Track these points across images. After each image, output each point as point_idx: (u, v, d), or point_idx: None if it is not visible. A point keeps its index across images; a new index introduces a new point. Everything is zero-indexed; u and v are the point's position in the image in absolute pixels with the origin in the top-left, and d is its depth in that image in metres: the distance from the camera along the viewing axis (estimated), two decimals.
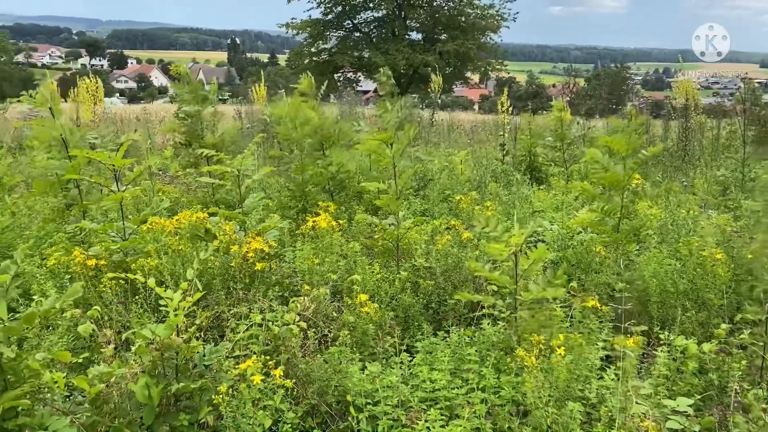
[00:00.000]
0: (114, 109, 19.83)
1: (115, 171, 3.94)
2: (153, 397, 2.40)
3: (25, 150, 9.67)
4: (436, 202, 6.18)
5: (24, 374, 2.22)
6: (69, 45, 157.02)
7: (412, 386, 2.67)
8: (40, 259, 3.80)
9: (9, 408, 2.12)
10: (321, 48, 35.28)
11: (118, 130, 13.44)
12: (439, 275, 3.80)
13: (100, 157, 3.84)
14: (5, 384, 2.19)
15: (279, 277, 3.66)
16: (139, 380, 2.40)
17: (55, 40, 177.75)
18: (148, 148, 10.55)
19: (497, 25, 34.58)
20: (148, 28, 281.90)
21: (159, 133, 13.81)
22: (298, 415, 2.51)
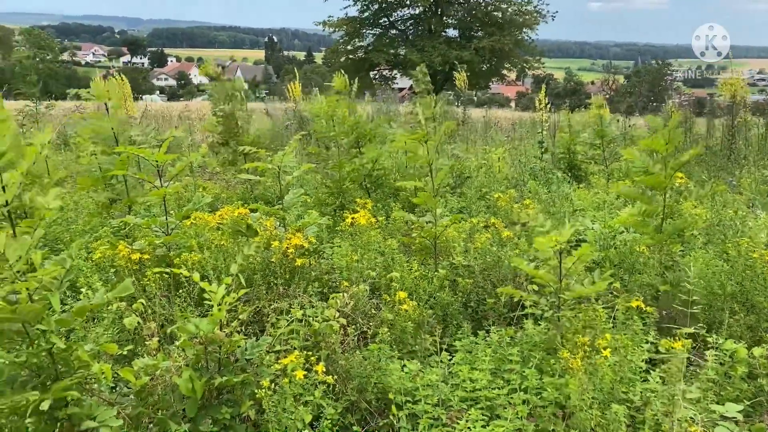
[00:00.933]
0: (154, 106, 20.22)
1: (158, 167, 4.01)
2: (197, 390, 2.43)
3: (69, 146, 9.92)
4: (473, 200, 6.13)
5: (74, 365, 2.26)
6: (111, 43, 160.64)
7: (452, 385, 2.65)
8: (86, 252, 3.89)
9: (59, 398, 2.17)
10: (357, 46, 35.35)
11: (159, 127, 13.70)
12: (477, 273, 3.77)
13: (144, 153, 3.90)
14: (56, 374, 2.24)
15: (318, 273, 3.68)
16: (183, 373, 2.43)
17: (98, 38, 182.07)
18: (189, 145, 10.72)
19: (535, 22, 34.16)
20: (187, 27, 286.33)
21: (199, 131, 14.02)
22: (338, 411, 2.51)
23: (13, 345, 2.26)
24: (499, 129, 15.94)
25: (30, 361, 2.23)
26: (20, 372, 2.25)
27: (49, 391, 2.18)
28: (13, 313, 2.11)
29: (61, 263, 2.22)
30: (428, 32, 34.28)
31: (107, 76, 7.43)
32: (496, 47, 33.11)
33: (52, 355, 2.24)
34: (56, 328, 2.21)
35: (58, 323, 2.23)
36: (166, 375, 2.52)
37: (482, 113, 18.80)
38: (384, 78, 35.49)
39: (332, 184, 6.09)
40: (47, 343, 2.20)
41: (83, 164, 4.92)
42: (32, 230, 2.21)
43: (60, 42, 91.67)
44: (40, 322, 2.19)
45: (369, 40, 35.37)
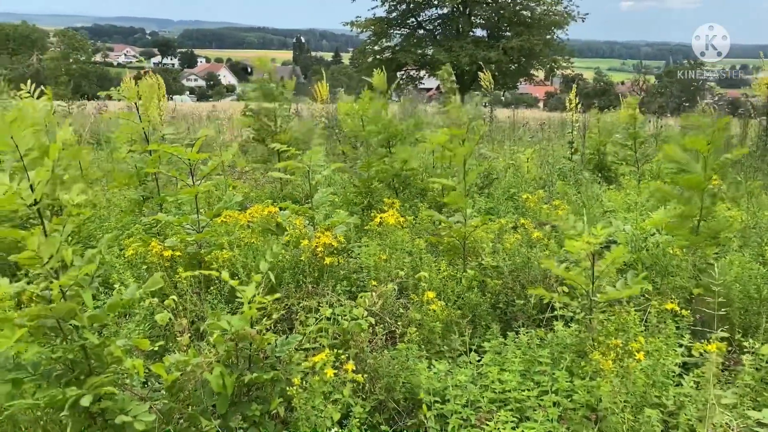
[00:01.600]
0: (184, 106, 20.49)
1: (190, 165, 4.05)
2: (227, 386, 2.45)
3: (102, 144, 10.10)
4: (501, 200, 6.09)
5: (107, 360, 2.30)
6: (143, 44, 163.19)
7: (481, 386, 2.63)
8: (118, 249, 3.95)
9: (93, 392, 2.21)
10: (384, 46, 35.37)
11: (190, 126, 13.88)
12: (506, 274, 3.74)
13: (178, 151, 3.95)
14: (90, 369, 2.28)
15: (346, 272, 3.69)
16: (215, 370, 2.45)
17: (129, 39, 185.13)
18: (219, 145, 10.84)
19: (564, 22, 33.82)
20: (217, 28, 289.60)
21: (228, 130, 14.17)
22: (366, 410, 2.51)
23: (48, 340, 2.30)
24: (527, 129, 15.82)
25: (64, 357, 2.27)
26: (55, 366, 2.30)
27: (84, 385, 2.21)
28: (48, 311, 2.15)
29: (91, 260, 2.24)
30: (456, 32, 34.17)
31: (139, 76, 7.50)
32: (525, 47, 32.87)
33: (86, 350, 2.27)
34: (89, 324, 2.24)
35: (90, 319, 2.27)
36: (197, 371, 2.54)
37: (510, 113, 18.67)
38: (411, 78, 35.44)
39: (360, 183, 6.10)
40: (81, 338, 2.24)
41: (118, 162, 5.00)
42: (61, 228, 2.24)
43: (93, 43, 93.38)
44: (73, 318, 2.22)
45: (396, 41, 35.36)
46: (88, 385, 2.20)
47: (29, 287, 2.22)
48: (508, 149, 10.37)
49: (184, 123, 13.42)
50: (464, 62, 31.79)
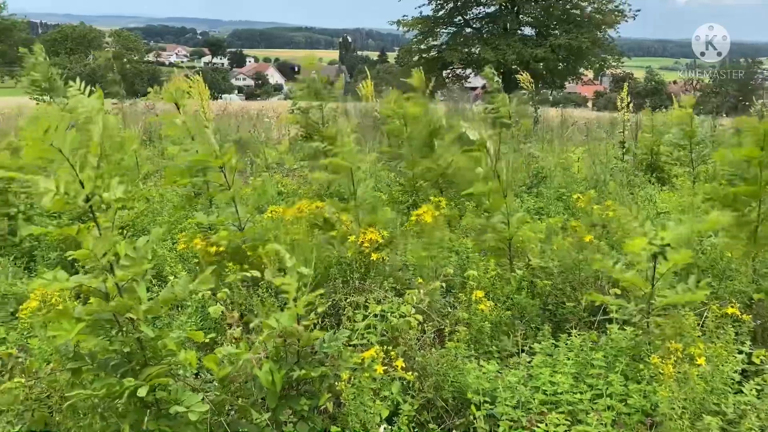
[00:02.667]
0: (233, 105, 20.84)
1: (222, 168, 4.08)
2: (276, 382, 2.46)
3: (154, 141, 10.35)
4: (551, 200, 5.98)
5: (161, 352, 2.34)
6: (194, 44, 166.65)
7: (531, 388, 2.58)
8: (171, 243, 4.03)
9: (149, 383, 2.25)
10: (431, 45, 35.25)
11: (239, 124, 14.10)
12: (556, 276, 3.67)
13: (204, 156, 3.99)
14: (145, 360, 2.32)
15: (392, 269, 3.68)
16: (264, 366, 2.47)
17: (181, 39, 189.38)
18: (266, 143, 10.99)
19: (615, 20, 33.09)
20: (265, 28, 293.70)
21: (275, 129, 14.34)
22: (414, 408, 2.49)
23: (105, 332, 2.35)
24: (576, 129, 15.53)
25: (121, 348, 2.31)
26: (113, 356, 2.35)
27: (140, 376, 2.26)
28: (107, 308, 2.20)
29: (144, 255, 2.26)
30: (503, 30, 33.80)
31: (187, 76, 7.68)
32: (573, 46, 32.30)
33: (141, 342, 2.32)
34: (144, 317, 2.28)
35: (145, 312, 2.30)
36: (247, 366, 2.57)
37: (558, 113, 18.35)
38: (457, 77, 35.23)
39: (406, 182, 6.09)
40: (137, 331, 2.28)
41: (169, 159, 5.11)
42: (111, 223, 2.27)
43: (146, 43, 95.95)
44: (129, 311, 2.26)
45: (443, 39, 35.20)
46: (144, 376, 2.24)
47: (86, 281, 2.27)
48: (557, 149, 10.21)
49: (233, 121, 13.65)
50: (511, 60, 31.43)
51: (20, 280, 3.66)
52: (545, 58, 31.61)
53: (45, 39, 68.84)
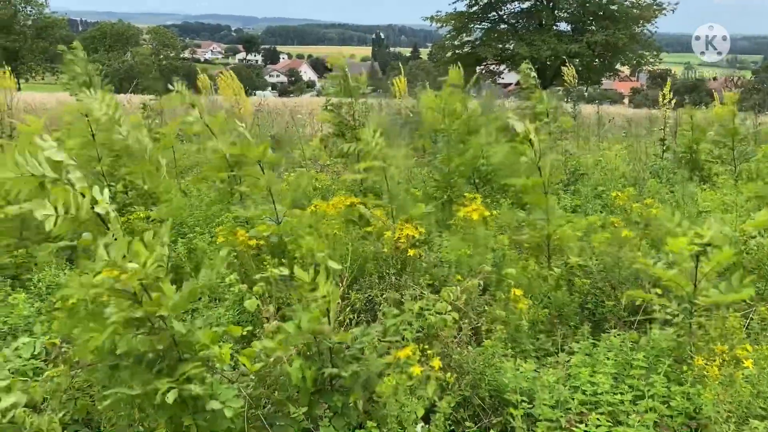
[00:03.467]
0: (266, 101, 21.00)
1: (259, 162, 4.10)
2: (307, 379, 2.46)
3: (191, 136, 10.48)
4: (588, 198, 5.89)
5: (195, 348, 2.35)
6: (228, 41, 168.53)
7: (570, 388, 2.54)
8: (209, 236, 4.08)
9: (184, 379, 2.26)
10: (464, 40, 35.06)
11: (272, 121, 14.21)
12: (595, 274, 3.60)
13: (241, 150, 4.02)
14: (179, 356, 2.33)
15: (428, 266, 3.66)
16: (294, 363, 2.47)
17: (216, 36, 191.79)
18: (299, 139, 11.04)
19: (653, 15, 32.45)
20: (299, 25, 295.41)
21: (308, 125, 14.41)
22: (451, 406, 2.47)
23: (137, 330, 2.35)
24: (613, 125, 15.27)
25: (155, 348, 2.32)
26: (147, 353, 2.36)
27: (175, 371, 2.27)
28: (136, 309, 2.19)
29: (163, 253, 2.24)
30: (539, 26, 33.43)
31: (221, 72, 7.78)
32: (610, 41, 31.80)
33: (174, 338, 2.32)
34: (172, 313, 2.27)
35: (173, 309, 2.29)
36: (278, 363, 2.57)
37: (594, 109, 18.06)
38: (491, 73, 34.98)
39: (440, 178, 6.05)
40: (169, 329, 2.28)
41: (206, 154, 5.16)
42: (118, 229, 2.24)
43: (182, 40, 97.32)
44: (158, 310, 2.25)
45: (477, 35, 34.98)
46: (178, 373, 2.25)
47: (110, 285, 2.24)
48: (594, 146, 10.05)
49: (269, 117, 13.76)
50: (546, 56, 31.10)
51: (62, 271, 3.74)
52: (581, 54, 31.18)
53: (84, 36, 70.40)
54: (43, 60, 54.71)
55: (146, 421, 2.31)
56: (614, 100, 44.00)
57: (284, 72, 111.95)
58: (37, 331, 2.99)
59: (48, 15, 57.61)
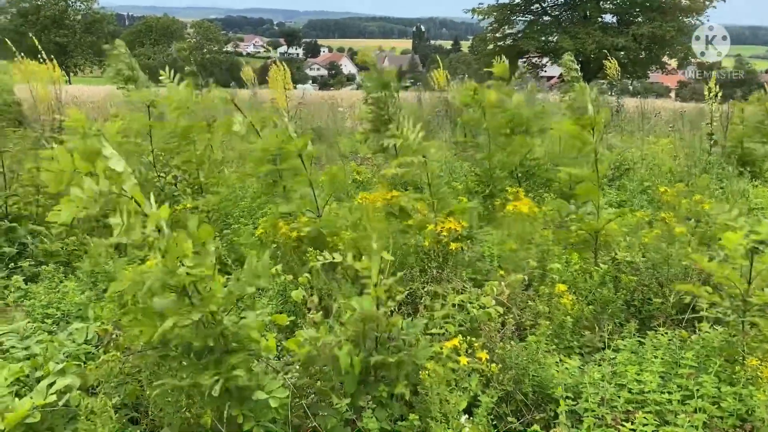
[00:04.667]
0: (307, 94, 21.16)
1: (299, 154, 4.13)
2: (355, 365, 2.48)
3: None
4: (634, 193, 5.77)
5: (243, 341, 2.38)
6: (270, 35, 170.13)
7: (616, 385, 2.50)
8: (252, 227, 4.14)
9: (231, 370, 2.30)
10: (506, 33, 34.62)
11: (313, 114, 14.30)
12: (643, 271, 3.52)
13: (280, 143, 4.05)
14: (226, 347, 2.37)
15: (471, 259, 3.64)
16: (343, 348, 2.49)
17: (258, 30, 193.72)
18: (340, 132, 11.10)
19: (703, 6, 31.47)
20: (340, 18, 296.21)
21: (349, 118, 14.46)
22: (493, 400, 2.46)
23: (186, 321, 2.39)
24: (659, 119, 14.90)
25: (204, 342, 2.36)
26: (195, 344, 2.40)
27: (223, 363, 2.31)
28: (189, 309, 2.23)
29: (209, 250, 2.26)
30: (583, 18, 32.78)
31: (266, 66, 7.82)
32: (657, 34, 30.96)
33: (224, 334, 2.35)
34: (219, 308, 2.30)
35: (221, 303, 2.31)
36: (326, 348, 2.60)
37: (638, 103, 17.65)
38: (533, 66, 34.46)
39: (482, 172, 6.00)
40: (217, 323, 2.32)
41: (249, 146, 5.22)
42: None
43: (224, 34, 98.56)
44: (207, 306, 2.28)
45: (519, 27, 34.49)
46: (225, 365, 2.29)
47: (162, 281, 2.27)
48: (639, 140, 9.83)
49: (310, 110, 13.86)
50: (590, 49, 30.49)
51: (112, 259, 3.84)
52: (627, 48, 30.47)
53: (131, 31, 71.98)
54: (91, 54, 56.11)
55: (193, 408, 2.35)
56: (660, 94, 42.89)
57: (325, 65, 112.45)
58: (90, 315, 3.08)
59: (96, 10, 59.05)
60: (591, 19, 32.35)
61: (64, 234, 4.34)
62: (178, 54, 51.22)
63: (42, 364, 2.54)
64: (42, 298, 3.27)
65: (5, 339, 2.74)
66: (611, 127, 10.86)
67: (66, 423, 2.33)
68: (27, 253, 4.09)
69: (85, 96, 16.01)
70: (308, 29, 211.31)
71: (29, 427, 2.21)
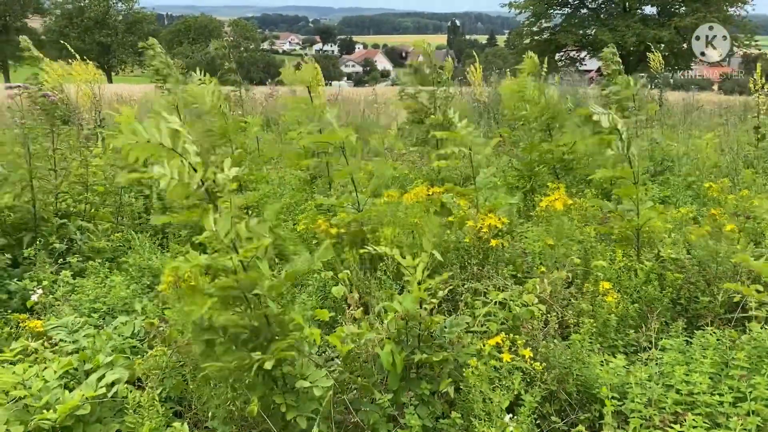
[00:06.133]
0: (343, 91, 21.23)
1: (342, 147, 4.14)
2: (397, 364, 2.48)
3: (270, 126, 10.74)
4: (678, 188, 5.63)
5: (287, 328, 2.40)
6: (306, 32, 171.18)
7: (663, 386, 2.44)
8: (291, 224, 4.16)
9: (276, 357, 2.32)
10: (543, 27, 34.15)
11: (349, 111, 14.35)
12: (689, 268, 3.43)
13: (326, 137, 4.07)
14: (272, 335, 2.40)
15: (512, 256, 3.60)
16: (385, 346, 2.49)
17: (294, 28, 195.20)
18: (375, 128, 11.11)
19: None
20: (374, 14, 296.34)
21: (384, 114, 14.46)
22: (537, 399, 2.42)
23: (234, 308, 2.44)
24: (702, 113, 14.53)
25: (249, 323, 2.39)
26: (242, 331, 2.44)
27: (268, 350, 2.34)
28: (234, 283, 2.27)
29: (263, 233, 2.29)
30: (623, 10, 32.13)
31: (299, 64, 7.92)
32: (700, 25, 30.15)
33: (268, 317, 2.39)
34: (269, 292, 2.33)
35: (270, 288, 2.35)
36: (369, 345, 2.60)
37: (681, 96, 17.22)
38: (571, 60, 33.95)
39: (522, 167, 5.94)
40: (263, 306, 2.35)
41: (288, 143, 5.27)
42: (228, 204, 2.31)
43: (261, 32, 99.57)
44: (255, 287, 2.32)
45: (556, 21, 34.00)
46: (271, 350, 2.31)
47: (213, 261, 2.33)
48: (681, 134, 9.59)
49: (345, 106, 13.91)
50: (630, 42, 29.89)
51: (155, 255, 3.91)
52: (669, 40, 29.76)
53: (170, 30, 73.21)
54: (132, 53, 57.31)
55: (238, 401, 2.38)
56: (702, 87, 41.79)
57: (359, 62, 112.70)
58: (136, 309, 3.14)
59: (137, 10, 60.29)
60: (631, 11, 31.70)
61: (110, 231, 4.44)
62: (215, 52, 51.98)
63: (90, 357, 2.61)
64: (89, 293, 3.35)
65: (55, 333, 2.81)
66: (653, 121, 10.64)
67: (113, 415, 2.38)
68: (74, 249, 4.20)
69: (126, 94, 16.34)
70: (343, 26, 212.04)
71: (79, 419, 2.26)
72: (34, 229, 4.24)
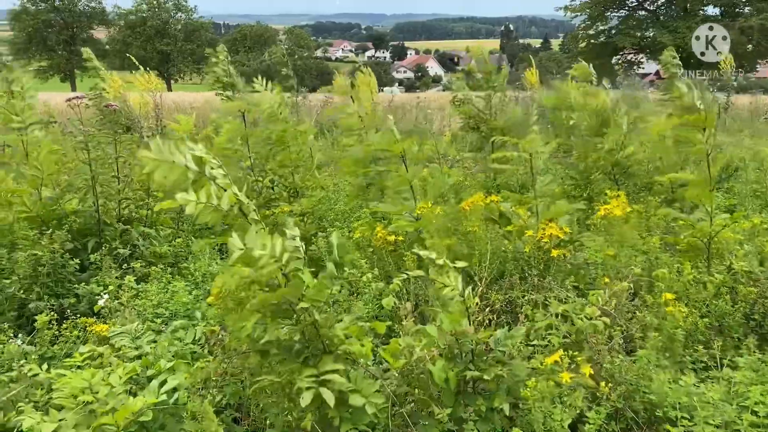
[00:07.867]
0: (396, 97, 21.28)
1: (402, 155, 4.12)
2: (450, 380, 2.43)
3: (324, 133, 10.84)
4: (746, 197, 5.39)
5: (334, 342, 2.37)
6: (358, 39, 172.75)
7: (737, 407, 2.32)
8: (347, 231, 4.17)
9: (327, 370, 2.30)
10: (599, 29, 33.49)
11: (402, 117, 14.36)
12: (764, 281, 3.27)
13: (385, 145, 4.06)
14: (323, 347, 2.38)
15: (574, 267, 3.50)
16: (437, 363, 2.44)
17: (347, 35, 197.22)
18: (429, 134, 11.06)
19: None
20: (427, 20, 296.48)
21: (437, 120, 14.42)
22: (602, 417, 2.34)
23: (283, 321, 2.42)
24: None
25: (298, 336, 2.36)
26: (295, 343, 2.42)
27: (319, 363, 2.32)
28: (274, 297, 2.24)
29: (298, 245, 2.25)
30: (683, 12, 31.20)
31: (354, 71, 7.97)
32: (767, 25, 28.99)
33: (317, 329, 2.35)
34: (310, 303, 2.29)
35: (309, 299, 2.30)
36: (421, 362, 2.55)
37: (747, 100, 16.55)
38: (629, 63, 33.16)
39: (578, 175, 5.79)
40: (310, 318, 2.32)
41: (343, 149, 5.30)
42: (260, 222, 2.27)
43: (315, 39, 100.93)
44: (301, 299, 2.28)
45: (613, 23, 33.29)
46: (322, 363, 2.29)
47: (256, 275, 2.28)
48: (748, 140, 9.22)
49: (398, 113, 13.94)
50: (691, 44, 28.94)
51: (215, 261, 3.98)
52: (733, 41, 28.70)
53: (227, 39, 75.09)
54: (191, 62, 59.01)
55: (294, 411, 2.38)
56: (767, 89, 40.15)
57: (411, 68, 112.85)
58: (197, 316, 3.19)
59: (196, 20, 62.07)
60: (691, 12, 30.76)
61: (171, 237, 4.54)
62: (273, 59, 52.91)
63: (152, 363, 2.65)
64: (153, 298, 3.42)
65: (118, 339, 2.88)
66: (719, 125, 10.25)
67: (176, 422, 2.41)
68: (137, 254, 4.31)
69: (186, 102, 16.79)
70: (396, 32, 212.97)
71: (142, 425, 2.29)
72: (98, 234, 4.38)
